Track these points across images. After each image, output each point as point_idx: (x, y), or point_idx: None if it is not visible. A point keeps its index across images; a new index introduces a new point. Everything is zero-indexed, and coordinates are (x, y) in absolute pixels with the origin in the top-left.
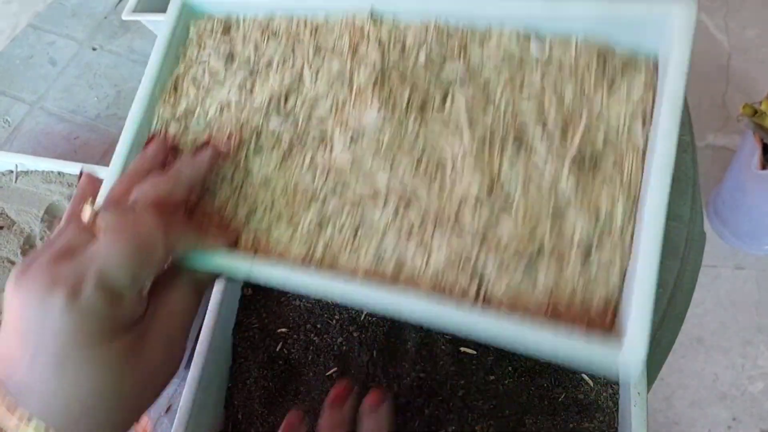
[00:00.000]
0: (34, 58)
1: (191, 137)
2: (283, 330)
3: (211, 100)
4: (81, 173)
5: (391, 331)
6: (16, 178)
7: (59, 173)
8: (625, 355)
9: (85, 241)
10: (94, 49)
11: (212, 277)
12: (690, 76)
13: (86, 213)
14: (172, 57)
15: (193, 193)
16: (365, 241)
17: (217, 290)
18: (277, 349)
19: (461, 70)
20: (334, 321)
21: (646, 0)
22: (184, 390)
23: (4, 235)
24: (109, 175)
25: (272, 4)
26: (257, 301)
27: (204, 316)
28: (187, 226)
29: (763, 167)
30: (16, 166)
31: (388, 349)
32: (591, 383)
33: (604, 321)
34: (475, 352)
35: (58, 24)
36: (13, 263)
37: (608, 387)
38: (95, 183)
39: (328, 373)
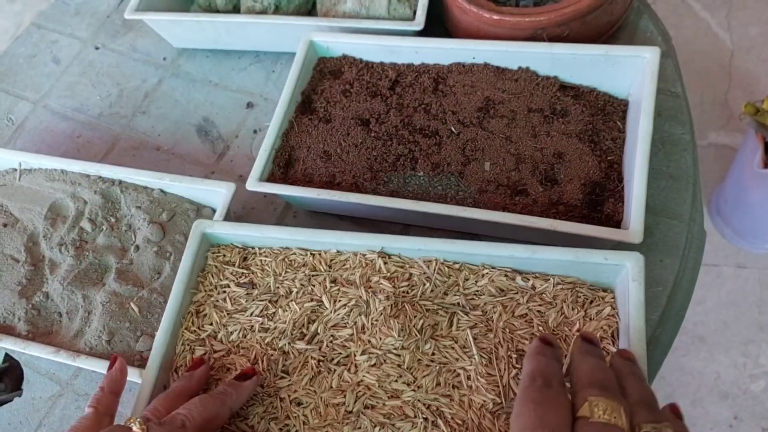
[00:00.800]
0: (37, 57)
1: (216, 357)
2: None
3: (234, 324)
4: (114, 359)
5: None
6: (20, 176)
7: (62, 171)
8: None
9: None
10: (97, 48)
11: None
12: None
13: (135, 427)
14: (192, 284)
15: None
16: None
17: None
18: None
19: (462, 301)
20: None
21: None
22: None
23: (8, 232)
24: (142, 387)
25: (287, 237)
26: None
27: None
28: None
29: (765, 166)
30: (20, 164)
31: None
32: None
33: None
34: None
35: (62, 23)
36: (17, 260)
37: None
38: (125, 376)
39: None
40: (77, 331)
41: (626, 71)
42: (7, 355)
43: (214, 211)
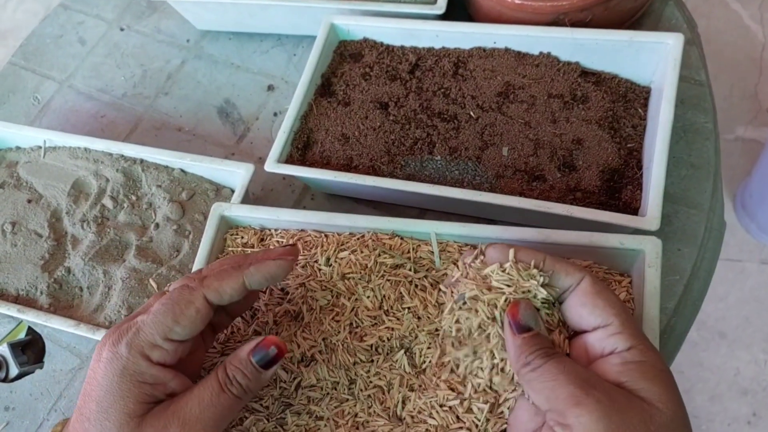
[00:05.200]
0: (64, 38)
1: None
2: None
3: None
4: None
5: None
6: (44, 154)
7: (86, 149)
8: None
9: None
10: (122, 30)
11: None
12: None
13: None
14: None
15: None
16: None
17: None
18: None
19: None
20: None
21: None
22: None
23: (32, 208)
24: None
25: (301, 219)
26: None
27: None
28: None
29: None
30: (45, 141)
31: None
32: None
33: None
34: None
35: (88, 4)
36: (40, 236)
37: None
38: None
39: None
40: (97, 306)
41: (649, 58)
42: (30, 328)
43: (233, 191)
